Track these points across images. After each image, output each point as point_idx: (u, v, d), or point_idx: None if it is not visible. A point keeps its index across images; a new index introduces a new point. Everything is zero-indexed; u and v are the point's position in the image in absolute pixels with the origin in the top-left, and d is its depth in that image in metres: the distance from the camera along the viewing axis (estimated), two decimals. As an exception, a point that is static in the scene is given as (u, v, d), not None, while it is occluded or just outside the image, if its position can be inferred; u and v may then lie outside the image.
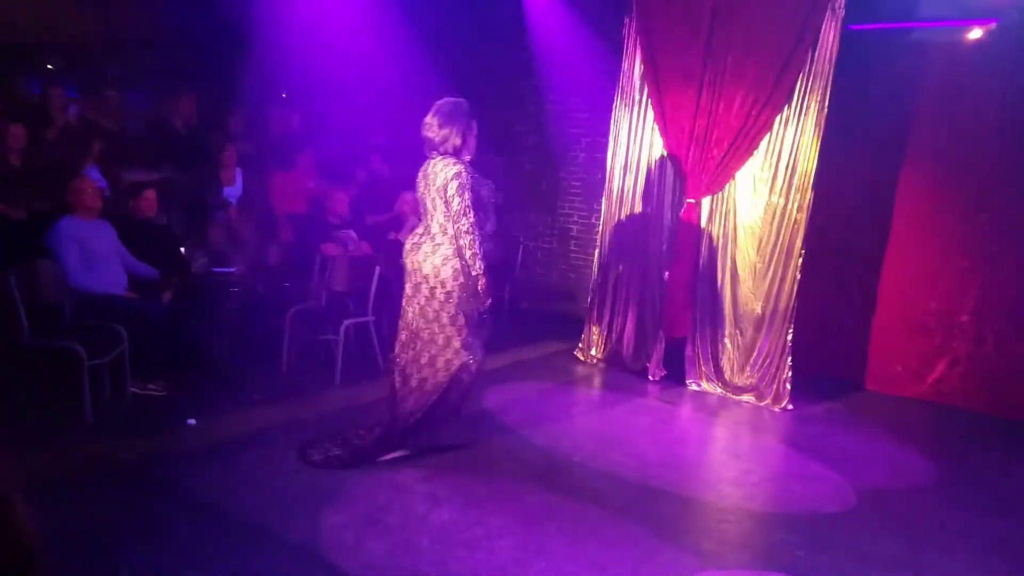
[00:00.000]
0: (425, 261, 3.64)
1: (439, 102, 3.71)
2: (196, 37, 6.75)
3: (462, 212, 3.52)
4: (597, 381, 5.69)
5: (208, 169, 6.17)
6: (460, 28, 7.16)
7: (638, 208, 5.89)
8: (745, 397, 5.40)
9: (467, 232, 3.53)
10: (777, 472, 4.24)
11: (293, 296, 5.39)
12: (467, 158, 3.68)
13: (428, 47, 6.86)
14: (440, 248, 3.61)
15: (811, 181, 5.08)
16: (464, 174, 3.56)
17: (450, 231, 3.58)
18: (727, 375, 5.51)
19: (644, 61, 5.74)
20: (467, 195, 3.53)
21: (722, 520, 3.56)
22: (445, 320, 3.64)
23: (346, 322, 5.11)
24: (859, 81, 5.44)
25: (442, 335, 3.66)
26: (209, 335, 4.82)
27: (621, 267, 5.98)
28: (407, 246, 3.77)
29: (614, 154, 5.97)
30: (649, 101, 5.75)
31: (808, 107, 5.09)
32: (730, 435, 4.80)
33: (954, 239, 5.58)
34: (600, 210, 6.13)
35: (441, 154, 3.67)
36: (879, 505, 3.80)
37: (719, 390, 5.50)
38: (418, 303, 3.68)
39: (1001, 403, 5.41)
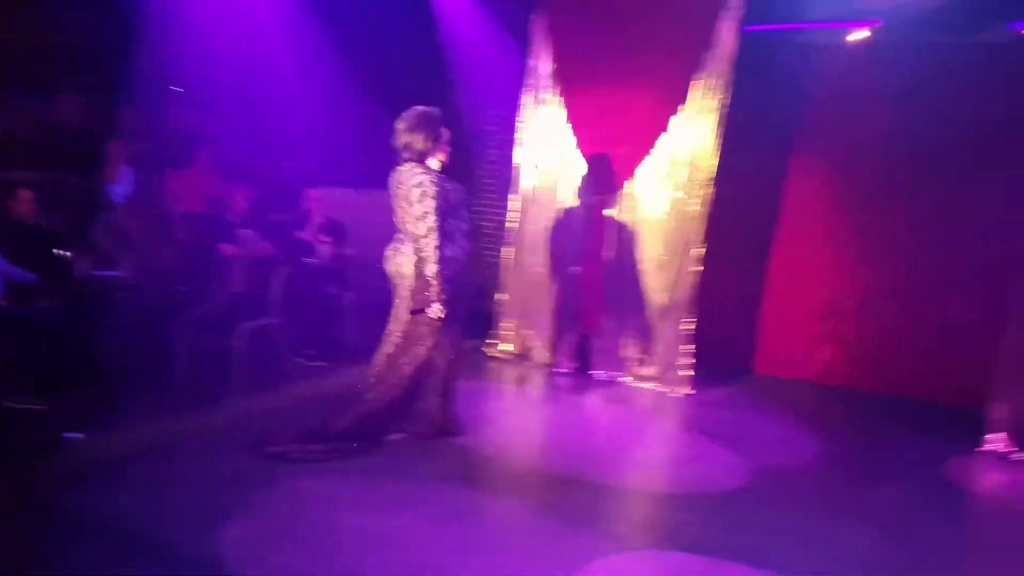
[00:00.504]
0: (392, 262, 3.90)
1: (408, 110, 3.92)
2: (86, 33, 6.36)
3: (420, 217, 3.70)
4: (510, 376, 5.73)
5: (95, 169, 5.84)
6: (366, 22, 7.03)
7: (548, 205, 5.96)
8: (650, 385, 5.57)
9: (423, 236, 3.70)
10: (680, 455, 4.40)
11: (190, 300, 5.17)
12: (437, 164, 3.89)
13: (332, 41, 6.71)
14: (403, 249, 3.84)
15: (711, 178, 5.28)
16: (427, 181, 3.74)
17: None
18: (634, 365, 5.66)
19: (553, 59, 5.81)
20: (427, 201, 3.70)
21: (628, 504, 3.68)
22: (405, 317, 3.85)
23: (245, 326, 4.94)
24: (756, 81, 5.68)
25: (405, 331, 3.87)
26: (95, 343, 4.56)
27: (532, 263, 6.04)
28: (387, 251, 3.94)
29: (523, 151, 6.02)
30: (558, 99, 5.83)
31: (707, 106, 5.28)
32: (637, 422, 4.94)
33: (844, 232, 5.91)
34: (511, 209, 6.16)
35: (407, 160, 3.84)
36: (772, 482, 3.99)
37: (628, 379, 5.65)
38: (395, 303, 3.95)
39: (883, 382, 5.78)
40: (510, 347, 6.13)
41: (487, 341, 6.22)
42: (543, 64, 5.87)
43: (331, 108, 6.81)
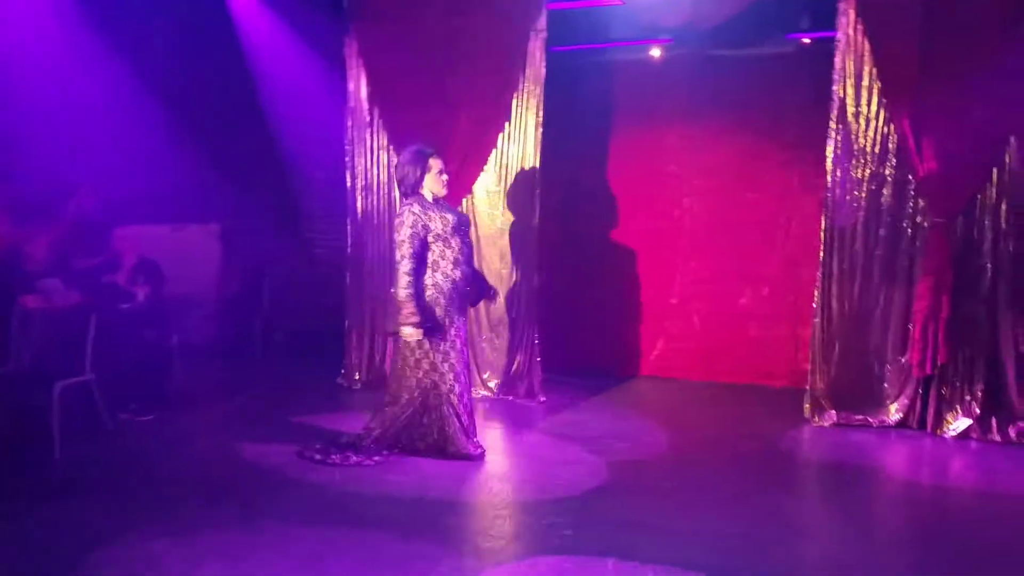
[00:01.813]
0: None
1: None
2: None
3: (398, 245, 4.16)
4: (362, 405, 5.56)
5: None
6: (170, 53, 6.62)
7: (384, 228, 5.91)
8: (500, 395, 5.70)
9: (398, 262, 4.15)
10: (540, 461, 4.50)
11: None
12: (430, 194, 4.27)
13: (134, 73, 6.25)
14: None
15: (537, 193, 5.49)
16: (408, 212, 4.17)
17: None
18: (486, 378, 5.76)
19: (369, 83, 5.79)
20: (404, 230, 4.13)
21: (496, 516, 3.73)
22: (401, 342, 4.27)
23: (60, 384, 4.47)
24: (568, 99, 6.02)
25: (405, 356, 4.27)
26: None
27: (374, 287, 5.95)
28: None
29: (353, 175, 5.95)
30: (380, 120, 5.80)
31: (527, 123, 5.51)
32: (495, 434, 5.00)
33: (657, 234, 6.38)
34: (347, 232, 6.04)
35: (403, 194, 4.38)
36: (631, 476, 4.22)
37: (481, 393, 5.73)
38: None
39: (709, 371, 6.31)
40: (361, 376, 5.99)
41: (339, 372, 6.04)
42: (360, 87, 5.82)
43: (136, 142, 6.33)
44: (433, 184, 4.26)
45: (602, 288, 6.60)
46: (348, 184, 5.96)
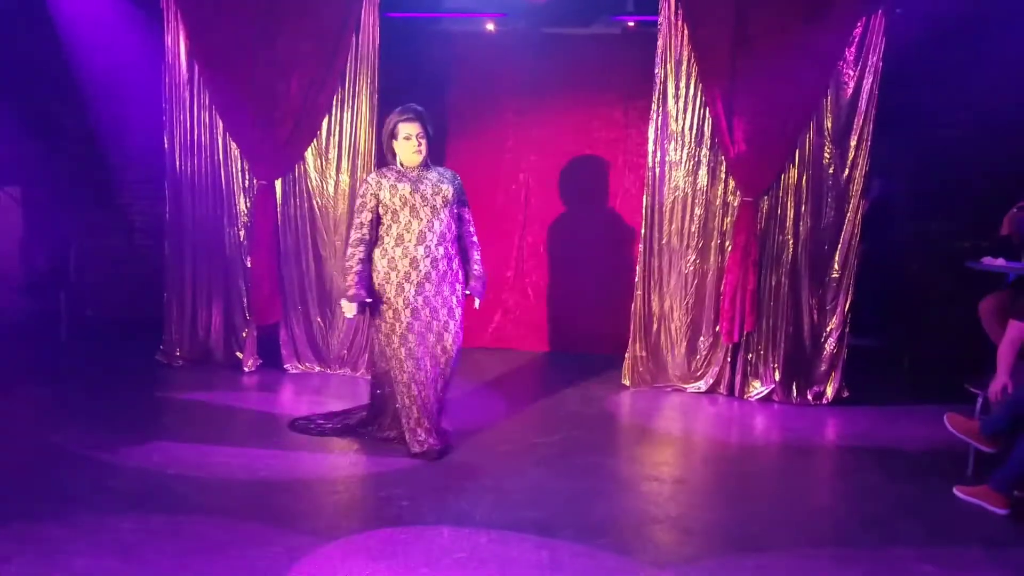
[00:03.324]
0: None
1: None
2: None
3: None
4: (187, 383, 5.34)
5: None
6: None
7: (208, 194, 5.61)
8: (341, 370, 5.64)
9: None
10: (377, 436, 4.53)
11: None
12: (399, 165, 4.02)
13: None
14: None
15: (372, 161, 5.41)
16: (365, 182, 4.05)
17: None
18: (322, 352, 5.68)
19: (188, 37, 5.43)
20: (357, 202, 4.06)
21: (332, 493, 3.73)
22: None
23: None
24: (405, 66, 5.93)
25: (373, 337, 4.26)
26: None
27: (199, 258, 5.66)
28: None
29: (171, 136, 5.56)
30: (201, 79, 5.48)
31: (360, 89, 5.38)
32: (329, 410, 4.95)
33: (496, 208, 6.48)
34: (166, 197, 5.68)
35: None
36: (465, 443, 4.36)
37: (318, 368, 5.65)
38: None
39: (542, 341, 6.58)
40: (183, 352, 5.72)
41: (158, 348, 5.73)
42: (179, 42, 5.46)
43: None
44: (401, 151, 3.96)
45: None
46: (166, 146, 5.57)
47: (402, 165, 4.00)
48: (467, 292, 4.18)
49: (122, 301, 6.79)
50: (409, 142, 3.94)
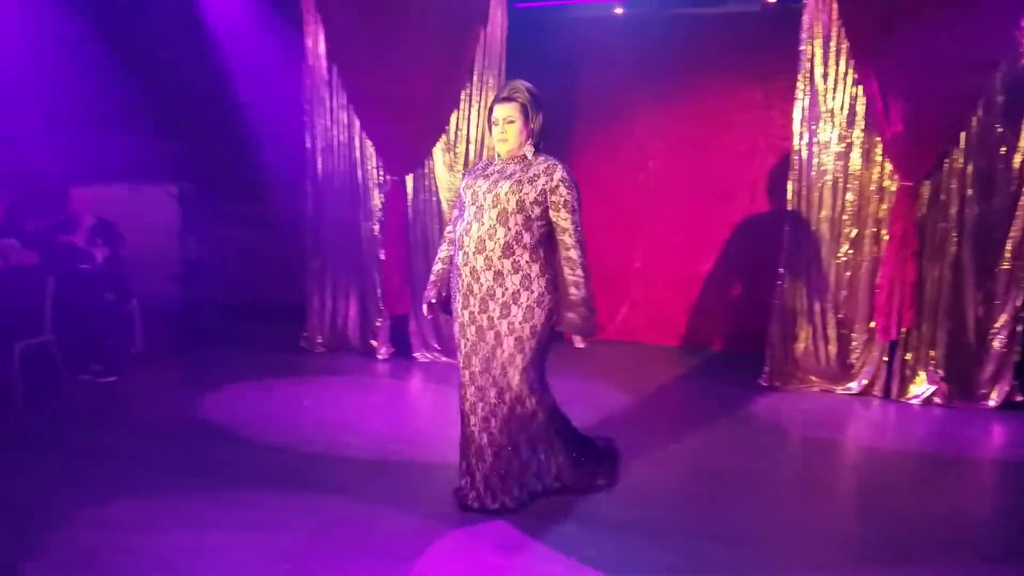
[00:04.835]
0: None
1: None
2: None
3: None
4: (324, 368, 5.57)
5: None
6: (129, 9, 6.37)
7: (345, 190, 5.81)
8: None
9: None
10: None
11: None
12: (497, 155, 3.29)
13: (94, 29, 6.02)
14: None
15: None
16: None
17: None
18: (448, 342, 5.71)
19: (327, 39, 5.63)
20: None
21: (455, 480, 3.71)
22: None
23: (19, 345, 4.41)
24: (531, 56, 5.87)
25: None
26: None
27: (336, 250, 5.87)
28: None
29: (312, 135, 5.80)
30: (339, 79, 5.66)
31: (488, 83, 5.39)
32: (453, 396, 4.97)
33: (623, 196, 6.32)
34: (307, 193, 5.93)
35: None
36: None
37: (444, 358, 5.70)
38: None
39: (674, 335, 6.32)
40: (323, 339, 5.95)
41: (300, 335, 6.00)
42: (318, 43, 5.66)
43: (87, 100, 6.13)
44: (493, 138, 3.26)
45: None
46: (308, 145, 5.82)
47: (498, 156, 3.29)
48: (557, 327, 3.27)
49: (266, 290, 7.17)
50: (496, 128, 3.21)
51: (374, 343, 5.82)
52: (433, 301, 3.46)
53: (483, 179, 3.22)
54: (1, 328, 4.53)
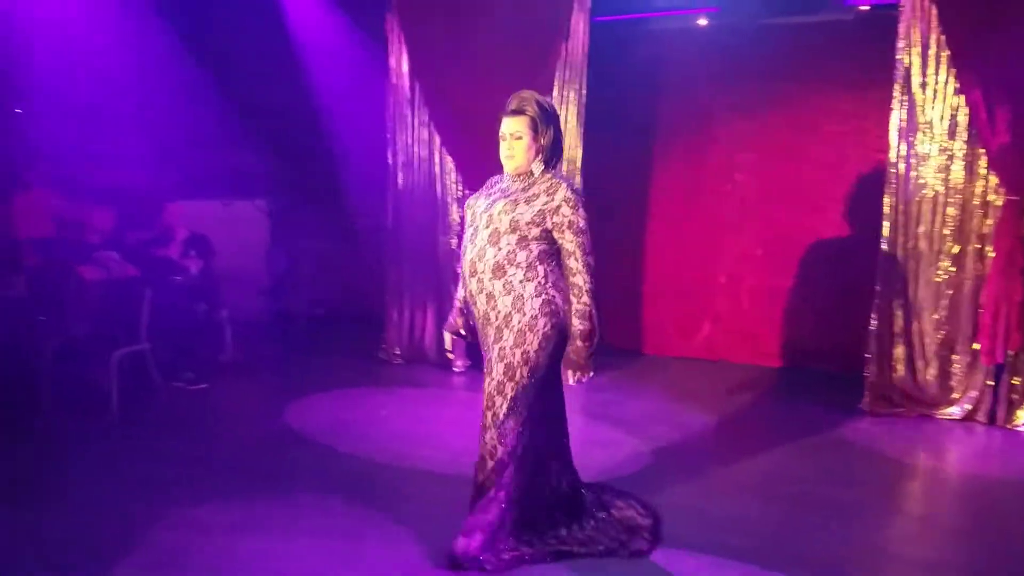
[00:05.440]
0: None
1: None
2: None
3: None
4: (401, 379, 5.63)
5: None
6: (221, 28, 6.68)
7: (424, 204, 5.88)
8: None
9: None
10: (577, 441, 4.36)
11: (49, 330, 4.75)
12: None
13: (179, 47, 6.34)
14: None
15: (578, 167, 5.36)
16: None
17: None
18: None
19: (410, 58, 5.74)
20: None
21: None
22: None
23: (117, 353, 4.62)
24: (612, 69, 5.84)
25: None
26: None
27: (415, 263, 5.95)
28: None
29: (394, 151, 5.92)
30: (421, 96, 5.75)
31: (568, 97, 5.36)
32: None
33: (706, 209, 6.17)
34: (387, 208, 6.04)
35: None
36: (670, 460, 4.11)
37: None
38: None
39: (759, 353, 6.10)
40: (400, 351, 6.02)
41: (378, 346, 6.09)
42: (401, 62, 5.78)
43: (181, 117, 6.44)
44: (501, 156, 3.01)
45: (646, 266, 6.44)
46: (390, 160, 5.94)
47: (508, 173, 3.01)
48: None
49: (348, 301, 7.34)
50: (503, 143, 2.97)
51: (451, 355, 5.85)
52: (462, 332, 3.18)
53: (484, 198, 3.00)
54: (101, 337, 4.77)
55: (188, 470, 3.78)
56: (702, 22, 6.08)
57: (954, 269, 4.75)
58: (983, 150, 4.61)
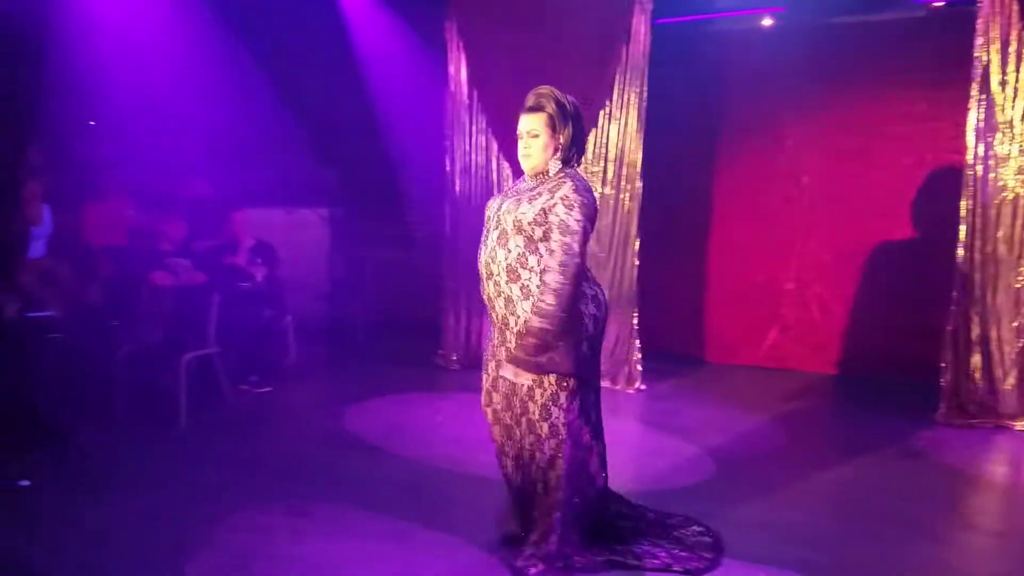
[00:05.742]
0: None
1: None
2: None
3: None
4: (457, 385, 5.65)
5: (12, 210, 5.51)
6: (283, 40, 6.86)
7: (481, 210, 5.85)
8: (601, 383, 5.54)
9: None
10: (637, 451, 4.37)
11: (123, 335, 4.94)
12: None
13: (243, 59, 6.53)
14: None
15: (638, 171, 5.29)
16: None
17: None
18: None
19: (469, 64, 5.77)
20: None
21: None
22: None
23: (186, 357, 4.76)
24: (673, 72, 5.75)
25: None
26: (29, 387, 4.31)
27: (471, 270, 5.93)
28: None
29: (452, 158, 5.96)
30: (479, 103, 5.78)
31: (629, 100, 5.30)
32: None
33: (772, 213, 6.02)
34: (445, 215, 6.08)
35: None
36: (734, 471, 4.01)
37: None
38: None
39: (828, 361, 5.91)
40: (459, 357, 6.04)
41: (436, 352, 6.13)
42: (460, 69, 5.81)
43: (249, 130, 6.62)
44: (519, 155, 2.95)
45: (708, 271, 6.32)
46: (448, 168, 5.98)
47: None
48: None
49: (406, 307, 7.42)
50: (520, 142, 2.89)
51: (508, 362, 5.84)
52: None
53: (500, 199, 2.95)
54: (171, 341, 4.93)
55: (250, 473, 3.86)
56: (767, 22, 5.96)
57: (1034, 275, 4.53)
58: (1068, 149, 4.38)
